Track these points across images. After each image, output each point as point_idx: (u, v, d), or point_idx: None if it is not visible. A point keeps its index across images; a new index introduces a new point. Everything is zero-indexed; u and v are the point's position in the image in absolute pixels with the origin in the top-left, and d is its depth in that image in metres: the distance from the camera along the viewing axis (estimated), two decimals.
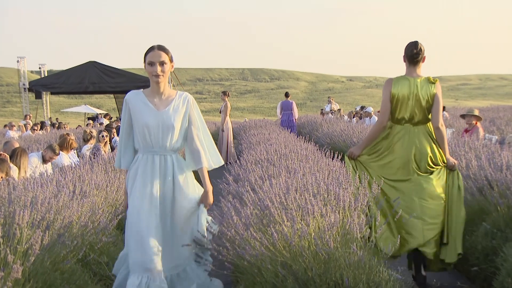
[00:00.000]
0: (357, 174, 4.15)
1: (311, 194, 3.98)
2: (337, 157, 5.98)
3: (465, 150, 6.06)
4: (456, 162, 4.35)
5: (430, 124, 4.28)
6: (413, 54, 4.25)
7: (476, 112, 8.68)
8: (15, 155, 6.64)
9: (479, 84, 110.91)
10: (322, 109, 24.10)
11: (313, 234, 3.42)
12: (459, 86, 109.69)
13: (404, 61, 4.31)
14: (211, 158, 3.73)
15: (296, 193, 3.95)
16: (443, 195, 4.20)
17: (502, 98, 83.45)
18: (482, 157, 5.08)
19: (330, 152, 6.56)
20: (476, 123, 8.66)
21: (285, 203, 3.77)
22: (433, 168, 4.23)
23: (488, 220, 4.31)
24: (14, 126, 18.18)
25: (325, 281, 3.29)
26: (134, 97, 3.56)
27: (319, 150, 7.32)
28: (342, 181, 4.30)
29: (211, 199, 3.67)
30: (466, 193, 4.75)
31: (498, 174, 4.48)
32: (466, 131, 8.68)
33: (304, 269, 3.34)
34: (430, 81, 4.26)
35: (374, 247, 3.63)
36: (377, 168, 4.31)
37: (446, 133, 4.34)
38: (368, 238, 3.62)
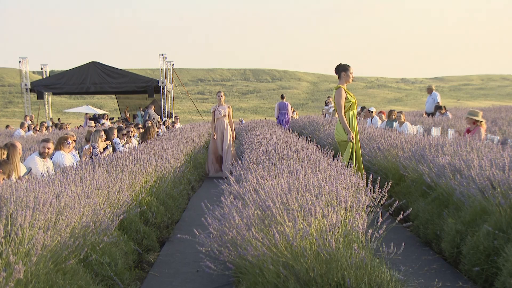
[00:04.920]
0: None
1: (313, 194, 3.98)
2: (339, 157, 5.98)
3: (467, 151, 6.05)
4: (353, 135, 7.16)
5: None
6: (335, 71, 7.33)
7: (479, 117, 8.60)
8: (8, 152, 6.55)
9: (481, 85, 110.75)
10: (323, 110, 24.03)
11: (314, 234, 3.42)
12: (460, 86, 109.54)
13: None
14: None
15: (298, 194, 3.95)
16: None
17: (504, 98, 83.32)
18: (484, 158, 5.06)
19: (332, 152, 6.57)
20: (476, 123, 8.62)
21: (287, 204, 3.77)
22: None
23: (490, 220, 4.29)
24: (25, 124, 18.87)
25: (326, 282, 3.29)
26: None
27: (321, 150, 7.32)
28: (343, 182, 4.30)
29: None
30: (468, 193, 4.83)
31: (500, 174, 4.46)
32: (468, 131, 8.65)
33: (305, 269, 3.34)
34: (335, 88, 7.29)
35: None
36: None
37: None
38: None
